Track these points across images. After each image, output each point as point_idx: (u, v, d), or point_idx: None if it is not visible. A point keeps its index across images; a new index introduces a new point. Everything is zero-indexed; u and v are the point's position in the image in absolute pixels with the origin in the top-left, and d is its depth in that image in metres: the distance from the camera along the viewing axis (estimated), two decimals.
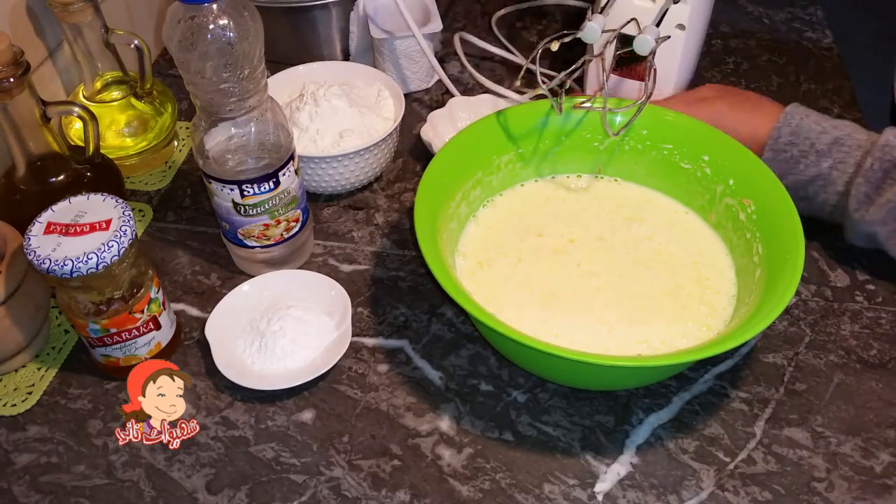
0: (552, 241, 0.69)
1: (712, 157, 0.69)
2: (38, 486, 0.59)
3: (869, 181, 0.65)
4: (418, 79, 0.90)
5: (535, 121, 0.72)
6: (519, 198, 0.73)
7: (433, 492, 0.58)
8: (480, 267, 0.68)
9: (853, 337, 0.67)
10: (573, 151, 0.73)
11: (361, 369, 0.65)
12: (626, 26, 0.69)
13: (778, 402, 0.63)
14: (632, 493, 0.58)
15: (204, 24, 0.56)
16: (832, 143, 0.67)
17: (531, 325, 0.63)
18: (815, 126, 0.68)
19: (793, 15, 1.02)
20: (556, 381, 0.64)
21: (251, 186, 0.63)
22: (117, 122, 0.78)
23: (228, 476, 0.59)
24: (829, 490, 0.58)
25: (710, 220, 0.70)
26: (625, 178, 0.74)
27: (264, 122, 0.63)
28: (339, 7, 0.89)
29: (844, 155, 0.67)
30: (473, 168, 0.70)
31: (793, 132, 0.68)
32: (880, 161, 0.65)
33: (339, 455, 0.60)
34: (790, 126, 0.69)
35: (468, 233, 0.70)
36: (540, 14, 1.02)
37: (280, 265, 0.71)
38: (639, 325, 0.63)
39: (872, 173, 0.65)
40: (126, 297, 0.59)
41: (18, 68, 0.61)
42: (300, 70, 0.83)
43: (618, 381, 0.63)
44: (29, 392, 0.64)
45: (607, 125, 0.70)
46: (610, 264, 0.68)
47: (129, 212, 0.58)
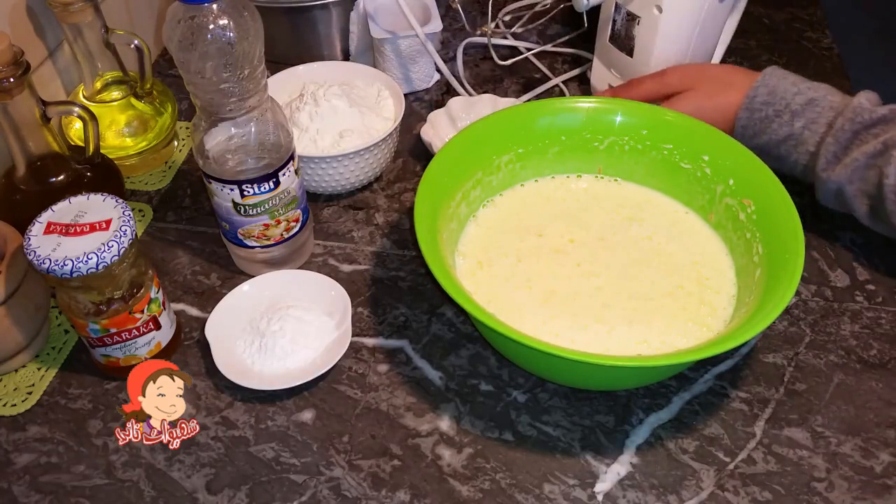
0: (552, 241, 0.69)
1: (712, 157, 0.69)
2: (38, 486, 0.59)
3: (838, 141, 0.67)
4: (418, 79, 0.90)
5: (535, 121, 0.72)
6: (519, 198, 0.73)
7: (433, 492, 0.58)
8: (480, 267, 0.68)
9: (853, 337, 0.67)
10: (573, 151, 0.73)
11: (361, 369, 0.65)
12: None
13: (778, 402, 0.63)
14: (632, 493, 0.58)
15: (204, 24, 0.56)
16: (806, 104, 0.69)
17: (531, 325, 0.63)
18: (792, 87, 0.70)
19: (793, 15, 1.02)
20: (557, 381, 0.64)
21: (251, 186, 0.63)
22: (117, 122, 0.78)
23: (228, 476, 0.59)
24: (829, 490, 0.58)
25: (710, 220, 0.70)
26: (625, 178, 0.74)
27: (264, 122, 0.63)
28: (339, 7, 0.89)
29: (817, 115, 0.68)
30: (473, 168, 0.70)
31: (769, 92, 0.70)
32: (850, 122, 0.66)
33: (339, 455, 0.60)
34: (767, 86, 0.70)
35: (468, 233, 0.70)
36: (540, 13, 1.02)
37: (280, 265, 0.71)
38: (639, 325, 0.63)
39: (842, 133, 0.66)
40: (126, 297, 0.59)
41: (18, 68, 0.61)
42: (300, 70, 0.83)
43: (618, 382, 0.63)
44: (29, 392, 0.64)
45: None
46: (610, 264, 0.68)
47: (129, 212, 0.58)
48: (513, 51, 0.96)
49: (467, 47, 0.95)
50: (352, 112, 0.77)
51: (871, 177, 0.66)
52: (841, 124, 0.67)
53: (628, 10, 0.78)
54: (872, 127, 0.66)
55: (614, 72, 0.84)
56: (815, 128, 0.68)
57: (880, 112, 0.66)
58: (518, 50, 0.96)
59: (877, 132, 0.66)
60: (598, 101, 0.73)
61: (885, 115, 0.66)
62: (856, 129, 0.66)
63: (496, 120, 0.71)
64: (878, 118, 0.66)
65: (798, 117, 0.69)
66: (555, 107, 0.72)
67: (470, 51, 0.96)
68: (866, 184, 0.66)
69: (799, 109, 0.69)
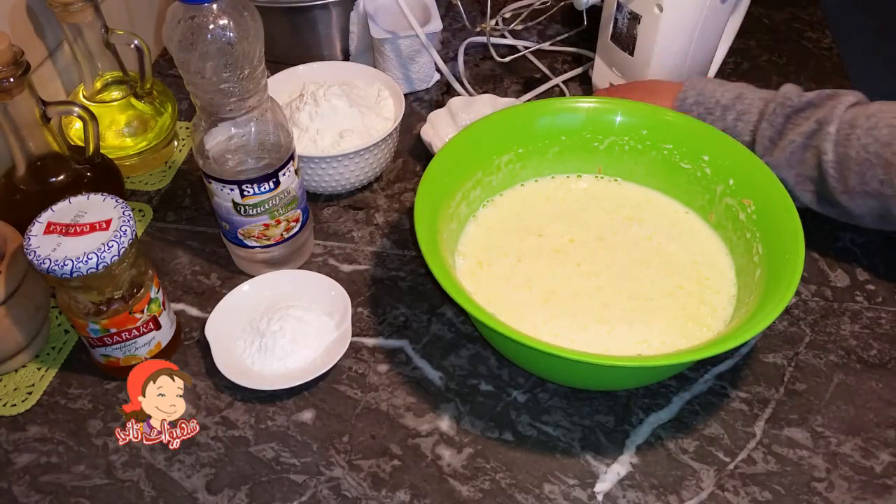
0: (552, 241, 0.69)
1: (712, 157, 0.69)
2: (38, 486, 0.59)
3: (772, 125, 0.68)
4: (418, 79, 0.90)
5: (535, 121, 0.72)
6: (519, 198, 0.73)
7: (433, 492, 0.58)
8: (480, 267, 0.68)
9: (853, 337, 0.67)
10: (573, 151, 0.73)
11: (361, 369, 0.65)
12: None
13: (778, 402, 0.63)
14: (632, 493, 0.58)
15: (204, 24, 0.56)
16: (735, 98, 0.71)
17: (531, 325, 0.63)
18: (719, 87, 0.72)
19: (793, 15, 1.02)
20: (557, 382, 0.64)
21: (251, 186, 0.63)
22: (117, 122, 0.78)
23: (228, 476, 0.59)
24: (829, 490, 0.58)
25: (710, 220, 0.70)
26: (625, 178, 0.74)
27: (264, 122, 0.63)
28: (339, 7, 0.89)
29: (747, 106, 0.70)
30: (473, 168, 0.70)
31: (698, 93, 0.72)
32: (781, 106, 0.68)
33: (339, 455, 0.60)
34: (695, 88, 0.73)
35: (468, 233, 0.70)
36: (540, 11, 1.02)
37: (280, 265, 0.71)
38: (639, 325, 0.63)
39: (775, 118, 0.68)
40: (126, 297, 0.59)
41: (18, 68, 0.61)
42: (300, 70, 0.83)
43: (618, 382, 0.63)
44: (29, 392, 0.64)
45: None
46: (610, 264, 0.68)
47: (129, 212, 0.58)
48: (513, 50, 0.96)
49: (468, 47, 0.95)
50: (352, 112, 0.77)
51: (808, 159, 0.67)
52: (772, 109, 0.68)
53: (630, 9, 0.78)
54: (803, 110, 0.68)
55: (615, 70, 0.84)
56: (748, 118, 0.70)
57: (808, 96, 0.68)
58: (518, 49, 0.96)
59: (807, 115, 0.68)
60: (598, 101, 0.73)
61: (812, 99, 0.68)
62: (787, 112, 0.68)
63: (496, 120, 0.71)
64: (806, 102, 0.68)
65: (729, 111, 0.71)
66: (555, 107, 0.72)
67: (470, 51, 0.96)
68: (805, 167, 0.67)
69: (729, 104, 0.71)
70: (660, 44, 0.77)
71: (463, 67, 0.92)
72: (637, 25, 0.78)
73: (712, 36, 0.80)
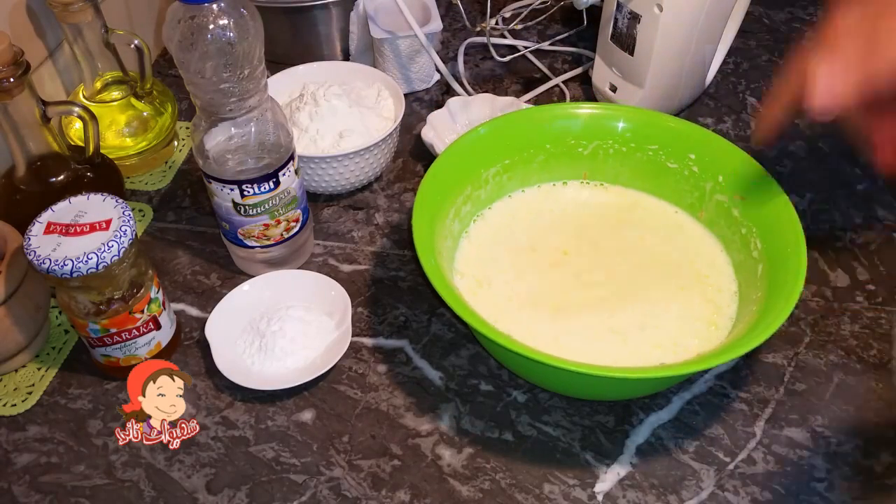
0: (547, 256, 0.68)
1: (699, 154, 0.69)
2: (38, 486, 0.59)
3: None
4: (418, 79, 0.90)
5: (518, 130, 0.71)
6: (508, 210, 0.72)
7: (433, 492, 0.58)
8: (480, 286, 0.67)
9: (853, 337, 0.67)
10: (557, 158, 0.72)
11: (361, 369, 0.65)
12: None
13: (778, 402, 0.63)
14: (632, 493, 0.58)
15: (204, 24, 0.56)
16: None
17: (544, 343, 0.60)
18: None
19: (793, 15, 1.02)
20: (579, 397, 0.63)
21: (251, 186, 0.63)
22: (117, 122, 0.78)
23: (228, 476, 0.59)
24: (829, 490, 0.58)
25: (701, 217, 0.70)
26: (611, 182, 0.73)
27: (264, 122, 0.63)
28: (339, 7, 0.89)
29: None
30: (463, 183, 0.69)
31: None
32: None
33: (339, 455, 0.60)
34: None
35: (462, 249, 0.69)
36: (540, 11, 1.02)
37: (280, 265, 0.71)
38: (650, 330, 0.63)
39: None
40: (126, 297, 0.59)
41: (18, 68, 0.61)
42: (300, 70, 0.83)
43: (638, 390, 0.62)
44: (29, 392, 0.64)
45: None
46: (609, 272, 0.67)
47: (129, 212, 0.58)
48: (513, 50, 0.96)
49: (468, 47, 0.95)
50: (352, 112, 0.77)
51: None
52: None
53: (630, 8, 0.78)
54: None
55: (615, 70, 0.84)
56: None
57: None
58: (518, 49, 0.96)
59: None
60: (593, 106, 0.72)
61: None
62: None
63: (480, 133, 0.70)
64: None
65: None
66: (544, 115, 0.72)
67: (470, 50, 0.96)
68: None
69: None
70: (660, 44, 0.77)
71: (463, 67, 0.92)
72: (637, 25, 0.78)
73: (712, 36, 0.80)
